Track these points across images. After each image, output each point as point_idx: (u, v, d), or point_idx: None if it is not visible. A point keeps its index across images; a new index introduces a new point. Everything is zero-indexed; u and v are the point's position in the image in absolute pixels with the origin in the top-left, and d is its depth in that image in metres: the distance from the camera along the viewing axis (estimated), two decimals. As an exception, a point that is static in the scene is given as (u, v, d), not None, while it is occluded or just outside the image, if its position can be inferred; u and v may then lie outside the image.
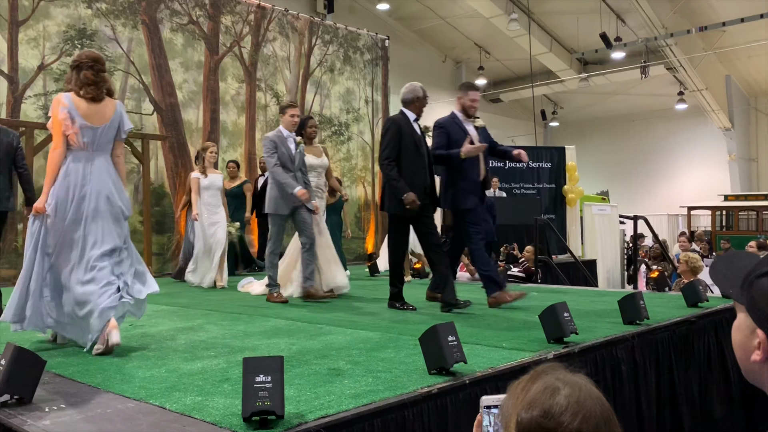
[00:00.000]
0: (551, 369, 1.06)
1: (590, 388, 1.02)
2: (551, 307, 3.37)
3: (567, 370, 1.06)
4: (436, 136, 5.14)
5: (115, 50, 9.44)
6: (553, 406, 0.98)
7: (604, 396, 1.03)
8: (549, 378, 1.03)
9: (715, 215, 20.68)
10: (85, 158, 3.52)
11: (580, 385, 1.01)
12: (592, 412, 0.98)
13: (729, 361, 4.63)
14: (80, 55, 3.65)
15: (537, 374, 1.06)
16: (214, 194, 7.29)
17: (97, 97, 3.58)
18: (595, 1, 16.88)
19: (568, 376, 1.04)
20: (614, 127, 24.65)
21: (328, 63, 12.25)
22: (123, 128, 3.72)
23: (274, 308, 5.01)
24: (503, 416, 1.07)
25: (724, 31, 17.53)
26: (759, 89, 22.19)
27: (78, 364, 2.99)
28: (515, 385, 1.08)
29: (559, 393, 0.99)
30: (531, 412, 0.99)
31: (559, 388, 1.00)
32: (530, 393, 1.02)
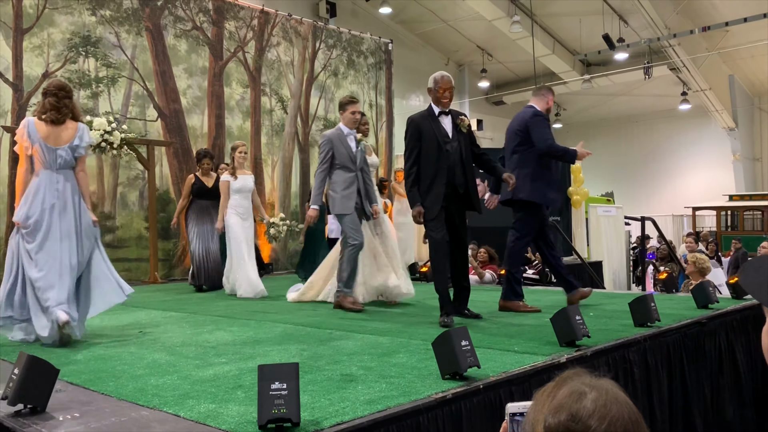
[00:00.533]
0: (576, 375, 1.05)
1: (617, 391, 1.01)
2: (563, 310, 3.36)
3: (592, 375, 1.05)
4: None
5: (120, 57, 9.47)
6: (580, 410, 0.98)
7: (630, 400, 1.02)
8: (575, 383, 1.03)
9: (720, 215, 20.61)
10: (49, 176, 3.93)
11: (607, 389, 1.01)
12: (620, 416, 0.97)
13: (740, 362, 4.62)
14: (49, 84, 4.10)
15: (562, 380, 1.05)
16: (246, 197, 6.85)
17: (56, 120, 3.98)
18: (597, 3, 16.88)
19: (594, 380, 1.03)
20: (618, 128, 24.61)
21: (332, 67, 12.27)
22: (81, 144, 4.08)
23: (283, 314, 5.00)
24: (529, 422, 1.06)
25: (727, 31, 17.50)
26: (762, 89, 22.13)
27: (90, 372, 2.98)
28: (541, 392, 1.07)
29: (586, 397, 0.99)
30: (558, 417, 0.99)
31: (586, 392, 1.00)
32: (557, 398, 1.01)
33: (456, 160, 4.54)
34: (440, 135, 4.56)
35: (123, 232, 9.34)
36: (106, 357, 3.35)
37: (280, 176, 11.31)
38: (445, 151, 4.51)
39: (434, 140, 4.53)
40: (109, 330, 4.33)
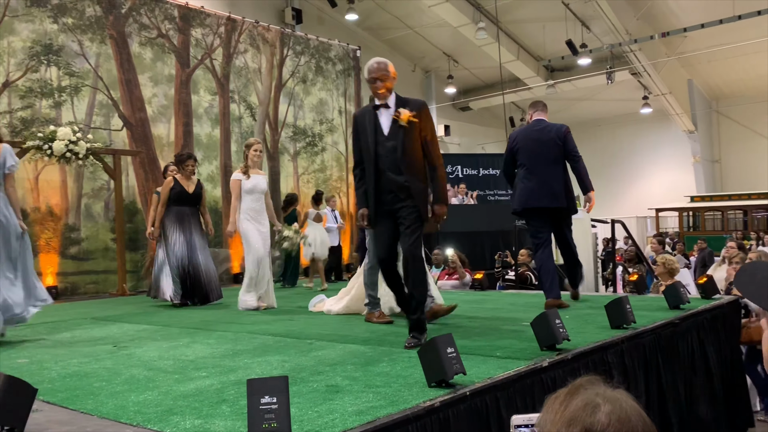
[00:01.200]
0: (589, 383, 1.04)
1: (631, 404, 1.00)
2: (543, 314, 3.38)
3: (606, 384, 1.04)
4: None
5: (83, 65, 9.29)
6: (594, 423, 0.96)
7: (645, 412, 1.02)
8: (589, 393, 1.01)
9: (682, 216, 21.11)
10: None
11: (621, 402, 0.99)
12: (634, 430, 0.96)
13: (711, 360, 4.72)
14: None
15: (575, 389, 1.04)
16: (258, 199, 6.25)
17: None
18: (560, 9, 17.16)
19: (608, 391, 1.02)
20: (582, 132, 24.94)
21: (301, 74, 12.23)
22: (6, 165, 4.50)
23: (260, 324, 4.95)
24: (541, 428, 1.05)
25: (685, 36, 17.97)
26: (720, 92, 22.77)
27: (66, 390, 2.90)
28: (552, 400, 1.05)
29: (600, 410, 0.97)
30: (572, 429, 0.97)
31: (600, 404, 0.98)
32: (570, 409, 1.00)
33: (391, 161, 3.92)
34: (372, 132, 4.00)
35: (89, 244, 9.15)
36: (81, 374, 3.26)
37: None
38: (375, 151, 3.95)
39: (366, 138, 4.03)
40: (80, 345, 4.22)
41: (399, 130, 3.94)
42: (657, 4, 17.12)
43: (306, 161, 12.16)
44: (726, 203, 20.40)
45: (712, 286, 5.37)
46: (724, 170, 23.48)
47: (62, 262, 8.83)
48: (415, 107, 4.03)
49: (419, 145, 3.99)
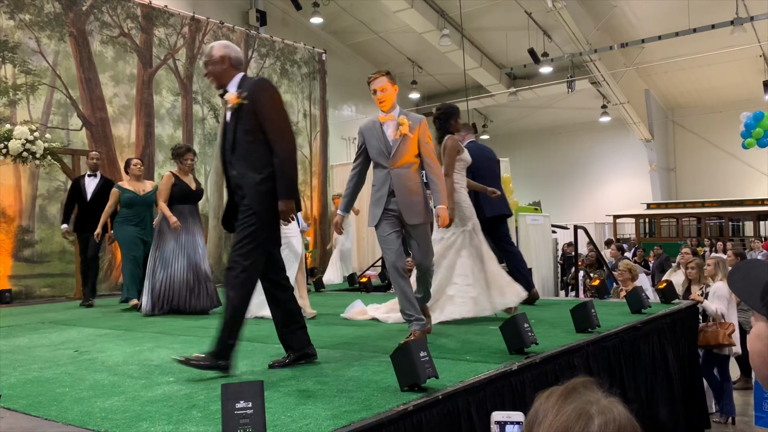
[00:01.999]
0: (584, 388, 1.03)
1: (624, 414, 1.00)
2: (512, 318, 3.42)
3: (600, 389, 1.04)
4: None
5: (40, 63, 9.06)
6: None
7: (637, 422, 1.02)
8: (582, 401, 1.00)
9: (639, 223, 21.62)
10: None
11: (615, 413, 0.99)
12: None
13: (671, 363, 4.83)
14: None
15: (569, 392, 1.03)
16: None
17: None
18: (523, 18, 17.44)
19: (602, 400, 1.01)
20: (542, 140, 25.45)
21: (265, 76, 12.13)
22: None
23: (225, 328, 4.87)
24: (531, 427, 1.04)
25: (643, 47, 18.44)
26: (675, 102, 23.43)
27: (28, 396, 2.81)
28: (545, 397, 1.05)
29: (593, 422, 0.97)
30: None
31: (593, 415, 0.98)
32: (562, 417, 0.99)
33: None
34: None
35: (43, 247, 8.90)
36: (42, 380, 3.17)
37: (214, 186, 11.07)
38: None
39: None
40: (40, 350, 4.10)
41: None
42: (616, 15, 17.54)
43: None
44: (681, 210, 20.97)
45: (671, 290, 5.51)
46: (679, 178, 24.15)
47: (15, 264, 8.56)
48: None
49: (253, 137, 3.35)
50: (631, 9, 17.33)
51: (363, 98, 20.52)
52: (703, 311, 5.70)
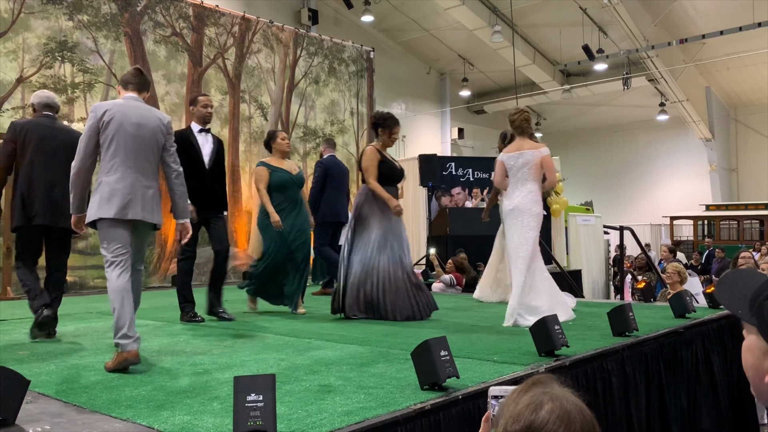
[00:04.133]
0: (541, 382, 1.12)
1: (573, 401, 1.08)
2: (542, 319, 3.36)
3: (558, 382, 1.12)
4: None
5: (97, 62, 9.37)
6: (535, 420, 1.05)
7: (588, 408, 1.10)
8: (537, 392, 1.09)
9: (697, 225, 20.90)
10: None
11: (564, 400, 1.07)
12: (572, 427, 1.04)
13: (716, 371, 4.65)
14: None
15: (528, 386, 1.12)
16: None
17: None
18: (577, 14, 17.07)
19: (556, 390, 1.10)
20: (597, 138, 24.88)
21: (313, 75, 12.25)
22: None
23: (261, 323, 4.96)
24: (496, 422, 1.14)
25: (703, 43, 17.80)
26: (738, 100, 22.53)
27: (62, 383, 2.91)
28: (514, 391, 1.15)
29: (543, 408, 1.05)
30: (515, 426, 1.06)
31: (543, 403, 1.06)
32: (518, 406, 1.09)
33: None
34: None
35: (96, 239, 9.15)
36: (80, 367, 3.28)
37: (260, 184, 11.23)
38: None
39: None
40: (83, 339, 4.25)
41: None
42: (675, 10, 16.97)
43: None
44: (742, 212, 20.16)
45: (719, 295, 5.29)
46: (741, 179, 23.22)
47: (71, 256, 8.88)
48: None
49: None
50: (691, 4, 16.74)
51: (413, 96, 20.50)
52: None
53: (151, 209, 3.51)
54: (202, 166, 5.16)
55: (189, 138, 5.18)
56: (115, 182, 3.39)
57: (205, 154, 5.24)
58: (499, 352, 3.49)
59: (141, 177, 3.47)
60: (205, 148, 5.25)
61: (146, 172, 3.51)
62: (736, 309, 1.06)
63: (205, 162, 5.19)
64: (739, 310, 1.04)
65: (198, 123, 5.32)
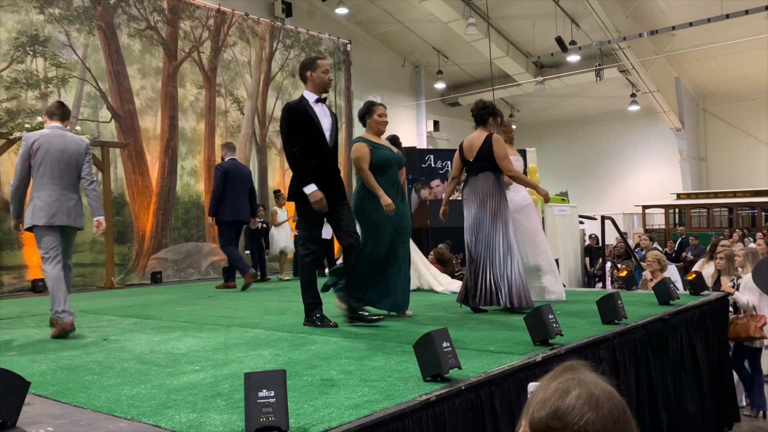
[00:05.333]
0: (572, 368, 1.09)
1: (603, 387, 1.04)
2: (537, 309, 3.40)
3: (588, 369, 1.09)
4: None
5: (70, 56, 9.20)
6: (561, 406, 1.02)
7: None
8: (565, 378, 1.07)
9: (669, 213, 21.27)
10: None
11: (592, 385, 1.04)
12: (600, 412, 1.01)
13: (700, 356, 4.76)
14: None
15: (558, 373, 1.10)
16: None
17: None
18: (550, 6, 17.20)
19: (585, 376, 1.07)
20: (570, 129, 25.14)
21: (290, 67, 12.17)
22: None
23: (251, 318, 4.93)
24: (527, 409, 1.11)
25: (673, 35, 18.07)
26: (707, 91, 22.95)
27: (58, 383, 2.87)
28: (544, 378, 1.12)
29: (570, 394, 1.03)
30: (542, 412, 1.04)
31: (571, 388, 1.04)
32: (546, 392, 1.06)
33: None
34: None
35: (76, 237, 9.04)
36: (72, 367, 3.23)
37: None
38: None
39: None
40: (70, 338, 4.18)
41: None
42: (646, 2, 17.21)
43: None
44: (712, 200, 20.58)
45: (700, 282, 5.41)
46: (710, 168, 23.70)
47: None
48: None
49: None
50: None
51: (388, 89, 20.47)
52: (734, 303, 5.59)
53: (75, 216, 4.53)
54: (324, 142, 4.35)
55: (307, 110, 4.32)
56: (45, 197, 4.37)
57: (326, 128, 4.37)
58: (494, 342, 3.52)
59: (65, 191, 4.44)
60: (324, 122, 4.38)
61: (69, 187, 4.48)
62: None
63: (327, 138, 4.38)
64: None
65: (314, 92, 4.43)
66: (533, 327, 3.40)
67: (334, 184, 4.40)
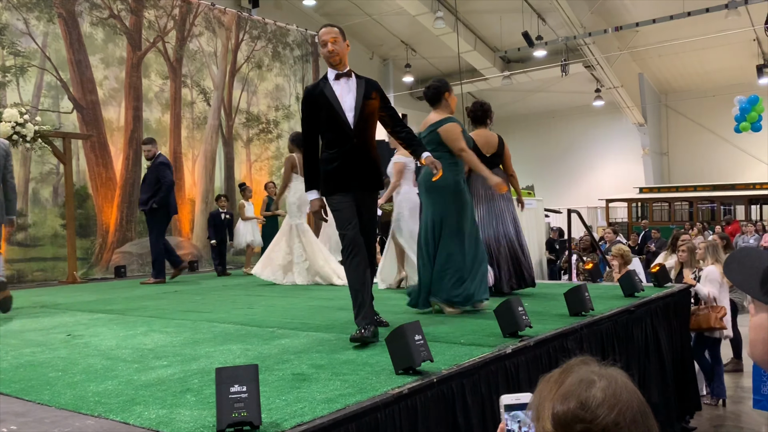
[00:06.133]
0: (584, 363, 1.05)
1: (626, 381, 1.01)
2: (507, 301, 3.42)
3: (600, 363, 1.05)
4: None
5: (29, 45, 8.94)
6: (590, 398, 0.97)
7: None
8: (583, 371, 1.02)
9: (631, 207, 21.68)
10: None
11: (616, 378, 1.00)
12: (629, 405, 0.97)
13: (663, 347, 4.86)
14: None
15: (570, 367, 1.04)
16: None
17: None
18: (517, 1, 17.32)
19: (602, 369, 1.03)
20: (536, 123, 25.41)
21: (256, 59, 12.04)
22: None
23: (219, 313, 4.87)
24: (535, 409, 1.05)
25: (637, 31, 18.38)
26: (668, 86, 23.41)
27: (20, 380, 2.79)
28: (546, 379, 1.06)
29: (595, 385, 0.98)
30: (567, 404, 0.98)
31: (595, 380, 0.99)
32: (564, 385, 1.01)
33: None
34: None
35: (36, 230, 8.84)
36: (35, 363, 3.15)
37: (202, 170, 11.00)
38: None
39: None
40: (32, 334, 4.07)
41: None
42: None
43: (259, 148, 12.00)
44: (673, 194, 21.04)
45: (664, 274, 5.52)
46: (672, 162, 24.20)
47: (8, 248, 8.50)
48: None
49: None
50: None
51: (356, 81, 20.37)
52: (695, 294, 5.72)
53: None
54: (344, 127, 3.71)
55: (323, 92, 3.74)
56: None
57: (347, 108, 3.72)
58: (464, 334, 3.54)
59: None
60: (346, 101, 3.73)
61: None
62: (747, 288, 1.10)
63: (349, 119, 3.71)
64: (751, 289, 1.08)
65: (331, 68, 3.83)
66: (503, 319, 3.43)
67: (359, 175, 3.74)
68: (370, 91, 3.83)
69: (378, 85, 3.99)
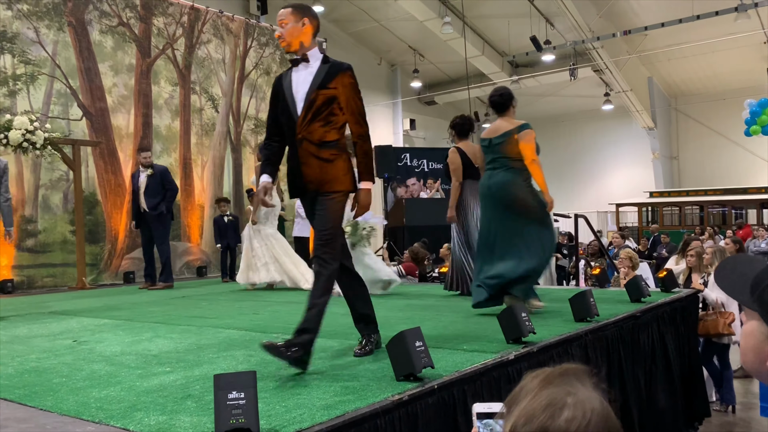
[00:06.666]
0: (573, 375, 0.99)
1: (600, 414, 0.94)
2: (510, 308, 3.42)
3: (587, 377, 0.99)
4: None
5: (40, 53, 9.03)
6: (550, 427, 0.92)
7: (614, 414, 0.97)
8: (560, 390, 0.96)
9: (642, 211, 21.57)
10: None
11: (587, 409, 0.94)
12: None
13: (670, 352, 4.83)
14: None
15: (552, 378, 0.99)
16: None
17: None
18: (525, 5, 17.32)
19: (581, 391, 0.96)
20: (545, 128, 25.29)
21: (264, 65, 12.10)
22: None
23: (224, 318, 4.89)
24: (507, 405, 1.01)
25: (646, 35, 18.32)
26: (678, 90, 23.29)
27: (25, 386, 2.81)
28: (530, 378, 1.02)
29: (562, 415, 0.93)
30: (528, 427, 0.94)
31: (565, 405, 0.93)
32: (536, 402, 0.96)
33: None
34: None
35: (46, 237, 8.91)
36: (40, 369, 3.17)
37: (211, 176, 11.05)
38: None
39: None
40: (39, 340, 4.10)
41: None
42: (619, 2, 17.40)
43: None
44: (683, 198, 20.91)
45: (671, 279, 5.49)
46: (682, 167, 24.07)
47: (18, 254, 8.58)
48: None
49: None
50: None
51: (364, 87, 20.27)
52: (704, 300, 5.68)
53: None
54: (291, 119, 3.22)
55: (281, 82, 3.32)
56: None
57: (299, 99, 3.21)
58: (467, 340, 3.53)
59: None
60: (299, 90, 3.22)
61: None
62: (737, 295, 1.09)
63: (297, 110, 3.20)
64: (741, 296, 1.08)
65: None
66: (506, 325, 3.41)
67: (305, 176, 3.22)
68: (329, 79, 3.21)
69: (346, 71, 3.30)
